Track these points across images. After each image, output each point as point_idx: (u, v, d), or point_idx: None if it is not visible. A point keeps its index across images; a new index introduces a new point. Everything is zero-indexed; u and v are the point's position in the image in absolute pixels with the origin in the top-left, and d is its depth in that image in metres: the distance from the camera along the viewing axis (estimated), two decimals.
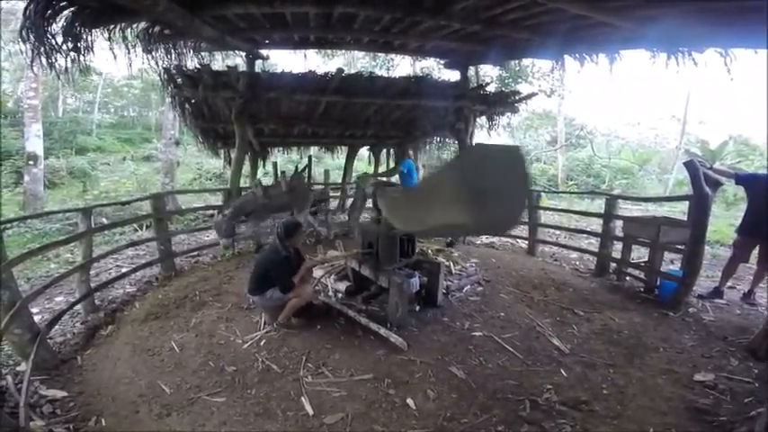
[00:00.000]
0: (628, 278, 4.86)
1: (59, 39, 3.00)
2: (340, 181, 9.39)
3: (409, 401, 2.50)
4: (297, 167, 9.18)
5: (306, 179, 8.39)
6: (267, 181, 5.90)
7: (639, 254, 5.62)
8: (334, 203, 8.71)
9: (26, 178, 10.01)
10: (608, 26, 3.86)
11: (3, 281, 2.72)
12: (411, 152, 8.16)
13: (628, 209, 9.15)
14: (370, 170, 11.53)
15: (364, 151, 10.92)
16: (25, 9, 2.76)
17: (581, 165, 17.95)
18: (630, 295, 4.35)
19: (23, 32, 2.81)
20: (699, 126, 19.24)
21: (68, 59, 3.13)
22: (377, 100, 6.05)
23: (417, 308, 3.70)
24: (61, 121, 19.02)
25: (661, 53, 3.97)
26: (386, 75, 9.72)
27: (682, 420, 2.32)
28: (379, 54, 12.27)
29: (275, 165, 9.08)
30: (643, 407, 2.45)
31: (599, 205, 10.01)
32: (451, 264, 4.57)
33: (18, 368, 2.89)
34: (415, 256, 3.97)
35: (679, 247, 4.22)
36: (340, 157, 10.97)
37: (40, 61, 2.97)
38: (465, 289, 4.21)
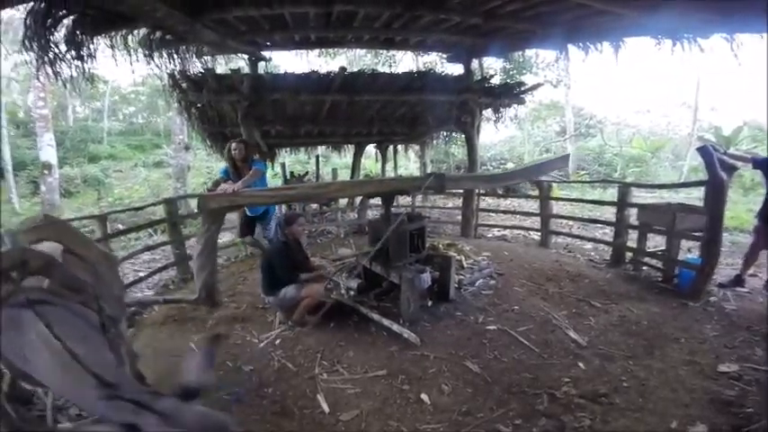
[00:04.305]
0: (645, 268, 4.77)
1: (62, 47, 3.04)
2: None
3: (424, 397, 2.49)
4: (292, 173, 9.08)
5: None
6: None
7: (656, 242, 5.51)
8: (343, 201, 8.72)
9: (42, 188, 10.25)
10: (610, 14, 3.79)
11: None
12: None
13: (642, 196, 8.98)
14: (377, 167, 11.53)
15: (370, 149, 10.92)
16: (26, 18, 2.80)
17: (592, 154, 17.66)
18: (648, 285, 4.26)
19: (26, 42, 2.85)
20: (711, 112, 18.74)
21: (73, 67, 3.17)
22: (380, 97, 6.02)
23: (430, 303, 3.68)
24: (72, 130, 19.40)
25: (666, 40, 3.88)
26: (388, 71, 9.67)
27: (705, 412, 2.26)
28: (381, 51, 12.24)
29: (283, 166, 9.13)
30: (665, 399, 2.39)
31: (612, 194, 9.85)
32: (463, 258, 4.53)
33: None
34: (426, 251, 3.95)
35: (696, 234, 4.13)
36: (347, 155, 11.00)
37: (45, 70, 3.01)
38: (477, 283, 4.17)
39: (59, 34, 2.97)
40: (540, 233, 6.21)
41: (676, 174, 15.05)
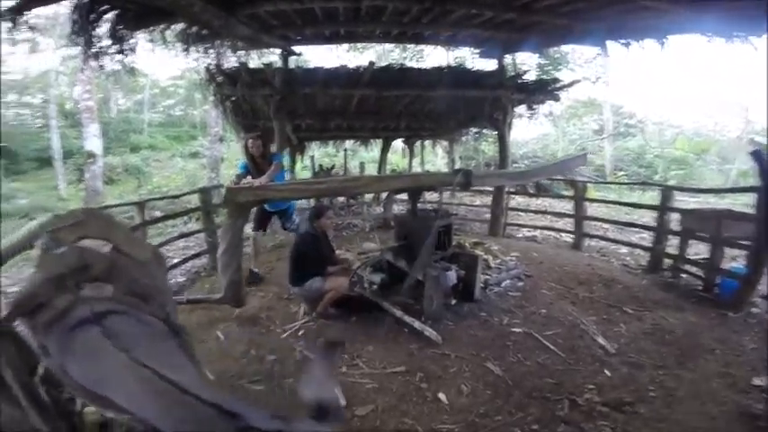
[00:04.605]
0: (684, 275, 4.53)
1: (105, 42, 3.22)
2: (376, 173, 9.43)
3: (441, 396, 2.47)
4: (321, 165, 9.17)
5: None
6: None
7: (697, 250, 5.22)
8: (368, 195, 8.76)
9: (87, 175, 10.88)
10: (655, 10, 3.59)
11: None
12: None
13: (684, 201, 8.51)
14: (404, 162, 11.48)
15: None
16: (71, 13, 2.97)
17: (631, 154, 16.87)
18: (686, 294, 4.05)
19: (72, 36, 3.03)
20: (762, 114, 17.39)
21: (115, 61, 3.35)
22: (409, 91, 5.99)
23: (454, 302, 3.64)
24: (115, 121, 20.48)
25: (716, 37, 3.63)
26: (417, 66, 9.59)
27: (732, 426, 2.16)
28: (410, 45, 12.12)
29: (312, 159, 9.27)
30: (691, 411, 2.29)
31: (651, 197, 9.38)
32: (490, 257, 4.46)
33: None
34: (452, 249, 3.90)
35: (743, 242, 3.88)
36: (375, 150, 11.03)
37: (90, 64, 3.20)
38: (504, 283, 4.09)
39: (102, 29, 3.14)
40: (572, 235, 6.02)
41: (722, 178, 14.17)
